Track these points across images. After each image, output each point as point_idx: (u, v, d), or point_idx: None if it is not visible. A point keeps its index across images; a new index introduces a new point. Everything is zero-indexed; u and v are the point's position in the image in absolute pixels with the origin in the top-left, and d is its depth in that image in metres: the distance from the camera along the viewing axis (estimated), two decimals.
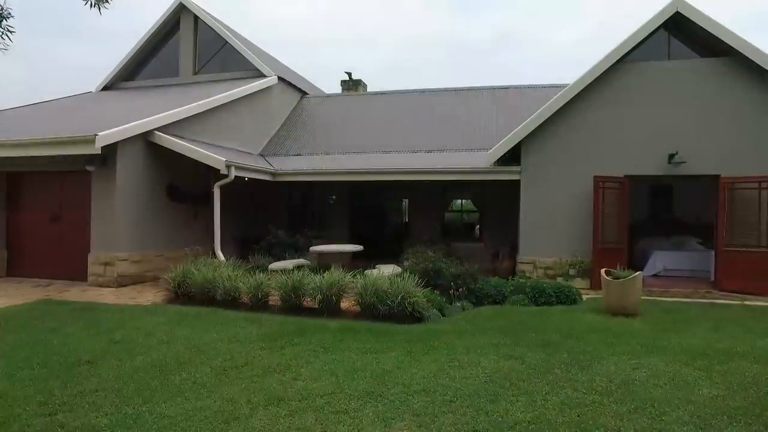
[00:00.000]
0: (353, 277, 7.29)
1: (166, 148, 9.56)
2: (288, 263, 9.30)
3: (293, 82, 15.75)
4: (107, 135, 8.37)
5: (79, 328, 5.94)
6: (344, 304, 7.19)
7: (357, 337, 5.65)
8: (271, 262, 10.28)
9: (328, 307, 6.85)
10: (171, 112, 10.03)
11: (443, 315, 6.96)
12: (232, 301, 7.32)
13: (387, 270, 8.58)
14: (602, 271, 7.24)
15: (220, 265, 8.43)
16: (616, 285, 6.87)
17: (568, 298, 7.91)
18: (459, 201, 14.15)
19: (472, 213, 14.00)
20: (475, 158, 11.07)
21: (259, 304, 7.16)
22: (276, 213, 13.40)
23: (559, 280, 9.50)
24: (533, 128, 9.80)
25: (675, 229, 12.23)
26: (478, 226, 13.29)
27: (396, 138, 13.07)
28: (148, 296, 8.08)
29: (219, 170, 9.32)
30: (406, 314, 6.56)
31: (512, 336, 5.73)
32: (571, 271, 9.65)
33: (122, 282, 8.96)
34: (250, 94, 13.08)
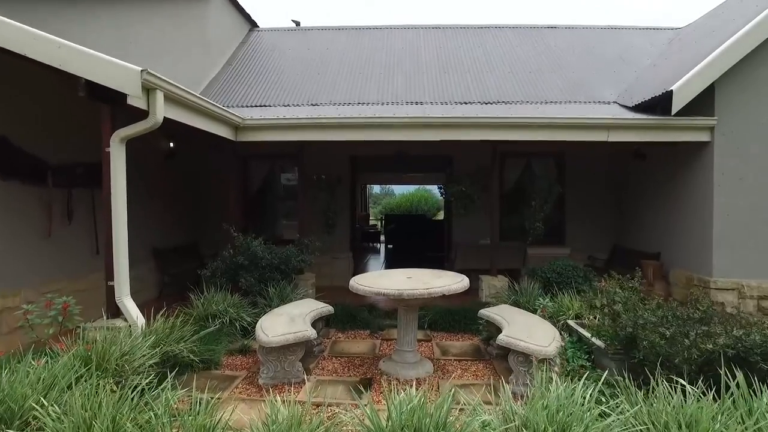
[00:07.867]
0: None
1: None
2: (300, 321, 4.02)
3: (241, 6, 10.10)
4: None
5: None
6: None
7: None
8: (242, 306, 4.94)
9: None
10: None
11: None
12: None
13: (536, 335, 3.74)
14: None
15: (134, 347, 3.04)
16: None
17: None
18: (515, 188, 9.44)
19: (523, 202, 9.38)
20: (539, 111, 6.54)
21: None
22: (222, 206, 7.82)
23: None
24: (738, 59, 5.42)
25: None
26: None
27: (418, 86, 8.15)
28: None
29: (122, 100, 3.81)
30: None
31: None
32: None
33: None
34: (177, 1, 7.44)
